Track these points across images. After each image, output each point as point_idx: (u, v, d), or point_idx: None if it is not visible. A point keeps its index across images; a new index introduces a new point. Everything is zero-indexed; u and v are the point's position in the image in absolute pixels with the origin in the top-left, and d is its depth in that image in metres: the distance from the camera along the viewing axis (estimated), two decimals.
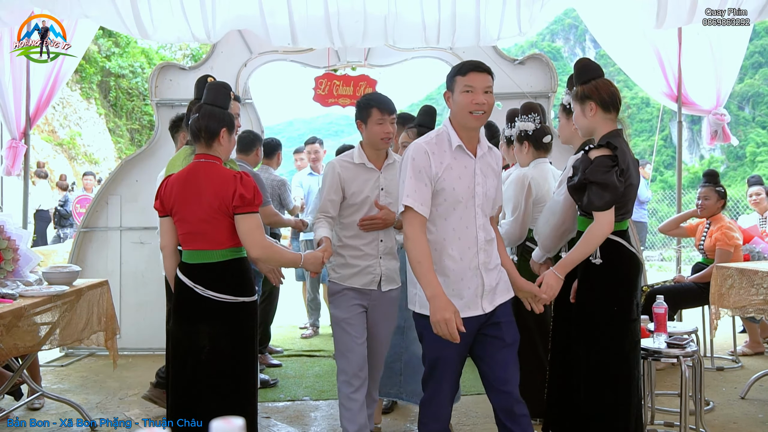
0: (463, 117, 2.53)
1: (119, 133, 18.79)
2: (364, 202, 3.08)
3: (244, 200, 2.71)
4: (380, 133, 3.03)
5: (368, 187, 3.09)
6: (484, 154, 2.61)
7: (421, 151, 2.51)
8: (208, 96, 2.87)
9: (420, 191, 2.48)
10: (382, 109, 3.03)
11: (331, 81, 6.26)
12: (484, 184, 2.56)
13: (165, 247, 2.90)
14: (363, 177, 3.10)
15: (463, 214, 2.52)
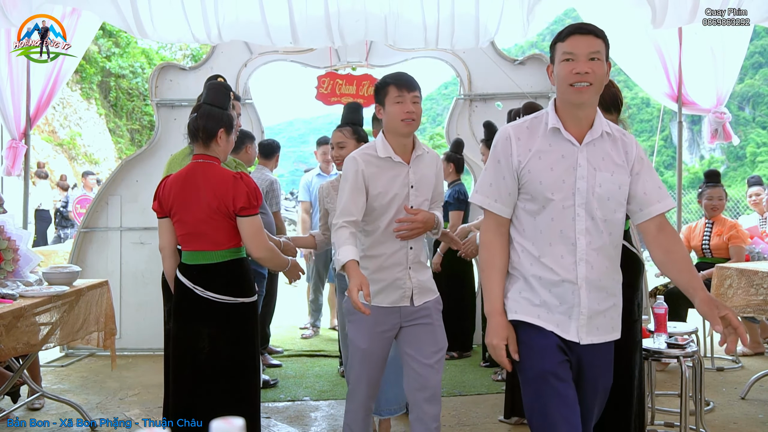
0: (564, 92, 2.05)
1: (119, 134, 18.80)
2: (390, 203, 2.62)
3: (248, 202, 2.71)
4: (399, 113, 2.58)
5: (396, 185, 2.62)
6: (594, 140, 2.07)
7: (504, 136, 2.11)
8: (207, 96, 2.87)
9: (497, 186, 2.09)
10: (399, 85, 2.61)
11: (333, 80, 6.26)
12: (592, 179, 2.04)
13: (164, 248, 2.89)
14: (389, 173, 2.63)
15: (556, 215, 2.05)
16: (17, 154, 5.62)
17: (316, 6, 4.79)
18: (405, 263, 2.64)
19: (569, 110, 2.07)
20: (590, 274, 2.04)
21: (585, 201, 2.03)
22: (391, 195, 2.62)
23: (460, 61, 5.96)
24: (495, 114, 5.67)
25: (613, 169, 2.06)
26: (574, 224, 2.03)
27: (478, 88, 5.95)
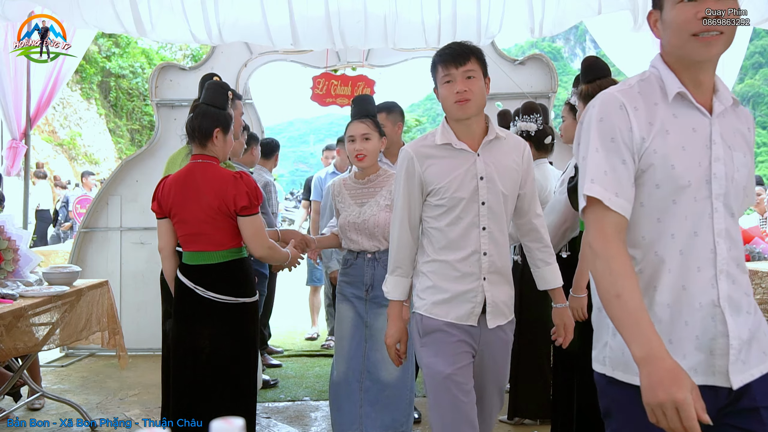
0: (683, 42, 1.48)
1: (119, 134, 18.80)
2: (456, 199, 2.20)
3: (250, 201, 2.71)
4: (450, 95, 2.18)
5: (461, 178, 2.20)
6: (725, 110, 1.55)
7: (613, 105, 1.53)
8: (205, 96, 2.87)
9: (615, 174, 1.47)
10: (446, 61, 2.19)
11: (329, 81, 6.25)
12: (729, 161, 1.51)
13: (163, 248, 2.89)
14: (452, 163, 2.22)
15: (690, 211, 1.49)
16: (17, 154, 5.62)
17: (316, 7, 4.79)
18: (478, 272, 2.21)
19: (689, 70, 1.51)
20: (733, 293, 1.51)
21: (724, 192, 1.50)
22: (455, 189, 2.19)
23: None
24: (495, 114, 5.66)
25: (745, 149, 1.56)
26: (712, 224, 1.49)
27: None
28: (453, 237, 2.21)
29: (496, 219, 2.22)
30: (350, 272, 3.09)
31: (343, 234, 3.09)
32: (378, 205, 3.01)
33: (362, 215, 3.01)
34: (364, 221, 3.00)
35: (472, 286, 2.21)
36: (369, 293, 3.03)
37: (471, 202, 2.18)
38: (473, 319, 2.21)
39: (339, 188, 3.13)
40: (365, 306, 3.03)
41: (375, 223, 2.99)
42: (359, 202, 3.05)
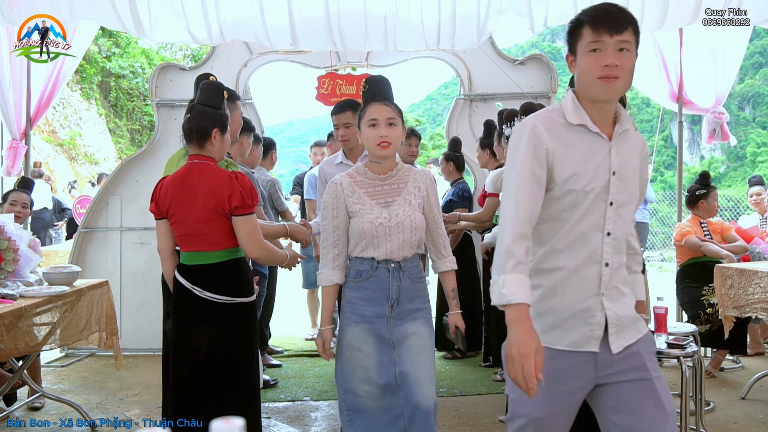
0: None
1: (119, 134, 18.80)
2: (583, 194, 1.83)
3: (243, 201, 2.71)
4: (594, 67, 1.79)
5: (594, 169, 1.83)
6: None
7: None
8: (200, 96, 2.86)
9: None
10: (597, 24, 1.79)
11: (334, 80, 6.26)
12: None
13: (162, 249, 2.89)
14: (584, 150, 1.85)
15: None
16: (17, 154, 5.62)
17: (316, 7, 4.79)
18: (596, 286, 1.85)
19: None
20: None
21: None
22: (587, 180, 1.82)
23: (460, 61, 5.96)
24: (495, 114, 5.67)
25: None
26: None
27: (478, 88, 5.95)
28: (570, 239, 1.85)
29: (623, 224, 1.87)
30: (368, 286, 2.54)
31: (359, 240, 2.54)
32: (410, 205, 2.56)
33: (395, 217, 2.52)
34: (399, 224, 2.51)
35: (589, 303, 1.85)
36: (394, 309, 2.53)
37: (598, 200, 1.83)
38: (594, 344, 1.84)
39: (349, 186, 2.57)
40: (388, 324, 2.52)
41: (412, 225, 2.52)
42: (383, 202, 2.55)
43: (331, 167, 3.85)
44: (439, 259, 2.69)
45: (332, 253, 2.57)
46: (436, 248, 2.67)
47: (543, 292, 1.86)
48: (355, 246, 2.56)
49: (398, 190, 2.59)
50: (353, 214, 2.55)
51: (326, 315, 2.61)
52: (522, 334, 1.66)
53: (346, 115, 3.73)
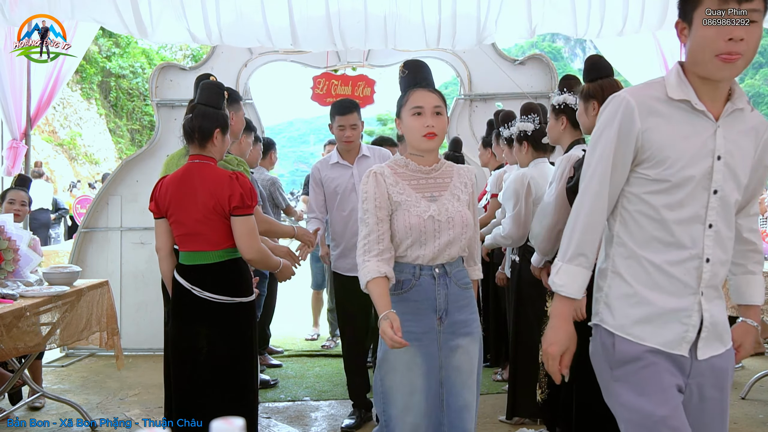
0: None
1: (120, 134, 18.81)
2: (683, 178, 1.65)
3: (242, 201, 2.71)
4: (715, 41, 1.58)
5: (694, 151, 1.65)
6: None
7: None
8: (201, 96, 2.86)
9: None
10: None
11: (329, 80, 6.27)
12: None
13: (161, 249, 2.89)
14: (685, 128, 1.66)
15: None
16: (18, 154, 5.62)
17: (316, 7, 4.79)
18: (696, 283, 1.68)
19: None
20: None
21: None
22: (686, 165, 1.65)
23: (460, 62, 5.96)
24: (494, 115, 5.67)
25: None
26: None
27: (478, 88, 5.95)
28: (668, 229, 1.67)
29: (727, 215, 1.69)
30: (412, 297, 2.25)
31: (404, 236, 2.23)
32: (459, 201, 2.30)
33: (445, 211, 2.24)
34: (450, 219, 2.23)
35: (686, 302, 1.67)
36: (443, 321, 2.25)
37: (700, 187, 1.65)
38: (685, 347, 1.67)
39: (391, 177, 2.28)
40: (438, 340, 2.23)
41: (463, 221, 2.26)
42: (428, 196, 2.28)
43: (327, 168, 3.86)
44: (470, 266, 2.42)
45: (376, 248, 2.20)
46: (470, 253, 2.40)
47: (637, 282, 1.70)
48: (397, 246, 2.25)
49: (444, 185, 2.33)
50: (397, 207, 2.24)
51: (383, 303, 2.12)
52: (555, 334, 1.74)
53: (354, 116, 3.77)
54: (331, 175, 3.86)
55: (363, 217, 2.25)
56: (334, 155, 3.87)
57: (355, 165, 3.85)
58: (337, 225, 3.84)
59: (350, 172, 3.83)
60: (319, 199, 3.87)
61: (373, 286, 2.16)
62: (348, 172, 3.84)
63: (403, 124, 2.31)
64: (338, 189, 3.82)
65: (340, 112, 3.77)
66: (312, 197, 3.91)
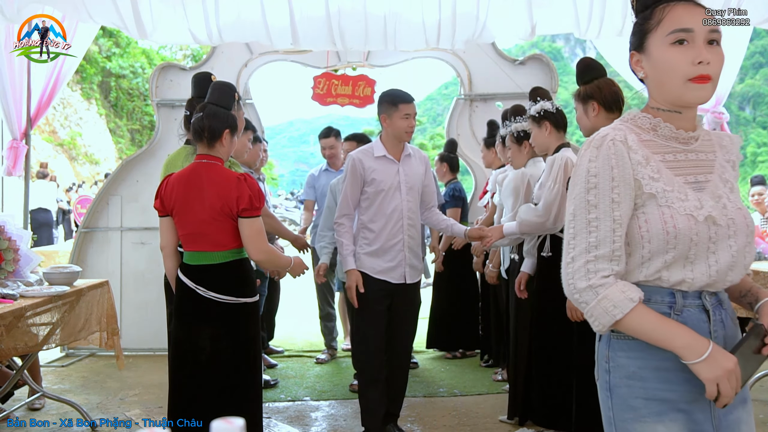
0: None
1: (120, 134, 18.81)
2: None
3: (251, 203, 2.71)
4: None
5: None
6: None
7: None
8: (212, 96, 2.86)
9: None
10: None
11: (329, 80, 6.27)
12: None
13: (165, 247, 2.89)
14: None
15: None
16: (18, 154, 5.62)
17: (316, 7, 4.79)
18: None
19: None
20: None
21: None
22: None
23: (460, 62, 5.96)
24: (495, 114, 5.66)
25: None
26: None
27: (478, 88, 5.95)
28: None
29: None
30: None
31: (659, 249, 1.43)
32: (732, 190, 1.52)
33: (722, 209, 1.46)
34: (731, 222, 1.46)
35: None
36: None
37: None
38: None
39: (638, 149, 1.45)
40: (712, 413, 1.43)
41: (746, 225, 1.49)
42: (692, 182, 1.48)
43: (370, 160, 3.49)
44: None
45: (610, 267, 1.42)
46: None
47: None
48: (645, 261, 1.45)
49: (709, 163, 1.51)
50: (648, 200, 1.44)
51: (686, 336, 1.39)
52: None
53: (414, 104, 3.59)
54: (377, 167, 3.48)
55: (583, 215, 1.45)
56: (378, 147, 3.51)
57: (401, 162, 3.52)
58: (376, 223, 3.47)
59: (396, 169, 3.49)
60: (356, 193, 3.49)
61: (642, 315, 1.39)
62: (394, 168, 3.49)
63: (655, 56, 1.46)
64: (382, 185, 3.45)
65: (405, 100, 3.48)
66: (348, 191, 3.50)
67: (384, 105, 3.53)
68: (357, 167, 3.45)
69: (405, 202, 3.47)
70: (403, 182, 3.47)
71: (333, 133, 5.38)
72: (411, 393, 4.43)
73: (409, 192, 3.49)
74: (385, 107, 3.52)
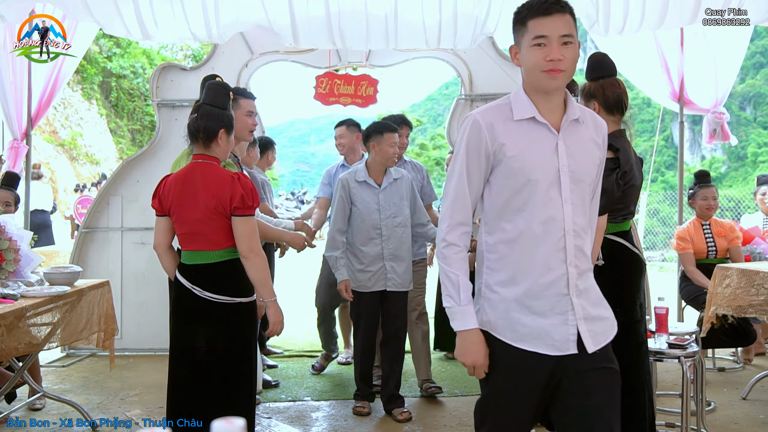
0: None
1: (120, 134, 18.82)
2: None
3: (243, 202, 2.72)
4: None
5: None
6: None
7: None
8: (207, 96, 2.87)
9: None
10: None
11: (332, 80, 6.26)
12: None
13: (158, 246, 2.90)
14: None
15: None
16: (18, 154, 5.62)
17: (316, 7, 4.79)
18: None
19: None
20: None
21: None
22: None
23: (461, 62, 5.96)
24: None
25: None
26: None
27: (479, 88, 5.95)
28: None
29: None
30: None
31: None
32: None
33: None
34: None
35: None
36: None
37: None
38: None
39: None
40: None
41: None
42: None
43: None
44: None
45: None
46: None
47: None
48: None
49: None
50: None
51: None
52: None
53: None
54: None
55: None
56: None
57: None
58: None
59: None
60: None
61: None
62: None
63: None
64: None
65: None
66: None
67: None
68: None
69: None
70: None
71: (346, 122, 4.98)
72: (411, 393, 4.43)
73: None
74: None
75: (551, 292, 1.83)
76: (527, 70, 1.88)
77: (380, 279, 3.99)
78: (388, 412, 4.05)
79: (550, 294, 1.83)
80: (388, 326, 4.11)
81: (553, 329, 1.82)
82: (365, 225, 3.97)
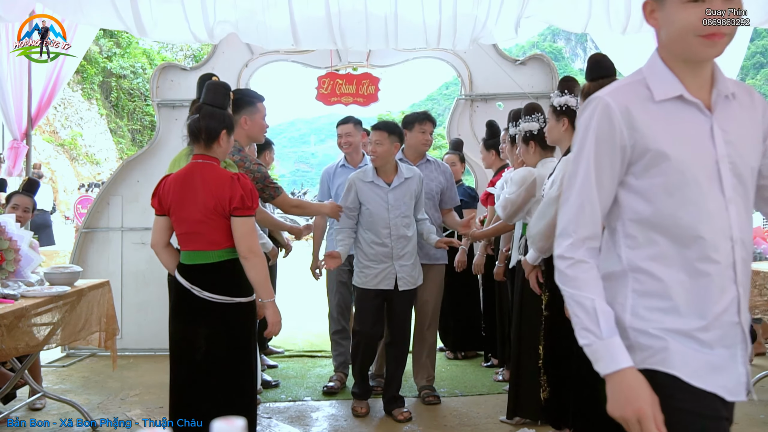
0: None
1: (120, 134, 18.83)
2: None
3: (242, 203, 2.72)
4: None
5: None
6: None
7: None
8: (207, 96, 2.87)
9: None
10: None
11: (333, 80, 6.26)
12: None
13: (155, 244, 2.91)
14: None
15: None
16: (18, 154, 5.62)
17: (316, 7, 4.79)
18: None
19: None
20: None
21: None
22: None
23: (461, 62, 5.96)
24: (496, 114, 5.67)
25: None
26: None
27: (479, 88, 5.95)
28: None
29: None
30: None
31: None
32: None
33: None
34: None
35: None
36: None
37: None
38: None
39: None
40: None
41: None
42: None
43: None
44: None
45: None
46: None
47: None
48: None
49: None
50: None
51: None
52: None
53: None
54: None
55: None
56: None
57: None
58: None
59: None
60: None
61: None
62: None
63: None
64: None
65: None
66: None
67: None
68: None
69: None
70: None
71: (353, 120, 4.73)
72: (411, 393, 4.43)
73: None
74: None
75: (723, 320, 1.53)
76: (673, 33, 1.44)
77: (388, 277, 3.95)
78: (388, 412, 4.05)
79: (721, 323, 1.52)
80: (394, 326, 4.07)
81: None
82: (375, 224, 3.95)
